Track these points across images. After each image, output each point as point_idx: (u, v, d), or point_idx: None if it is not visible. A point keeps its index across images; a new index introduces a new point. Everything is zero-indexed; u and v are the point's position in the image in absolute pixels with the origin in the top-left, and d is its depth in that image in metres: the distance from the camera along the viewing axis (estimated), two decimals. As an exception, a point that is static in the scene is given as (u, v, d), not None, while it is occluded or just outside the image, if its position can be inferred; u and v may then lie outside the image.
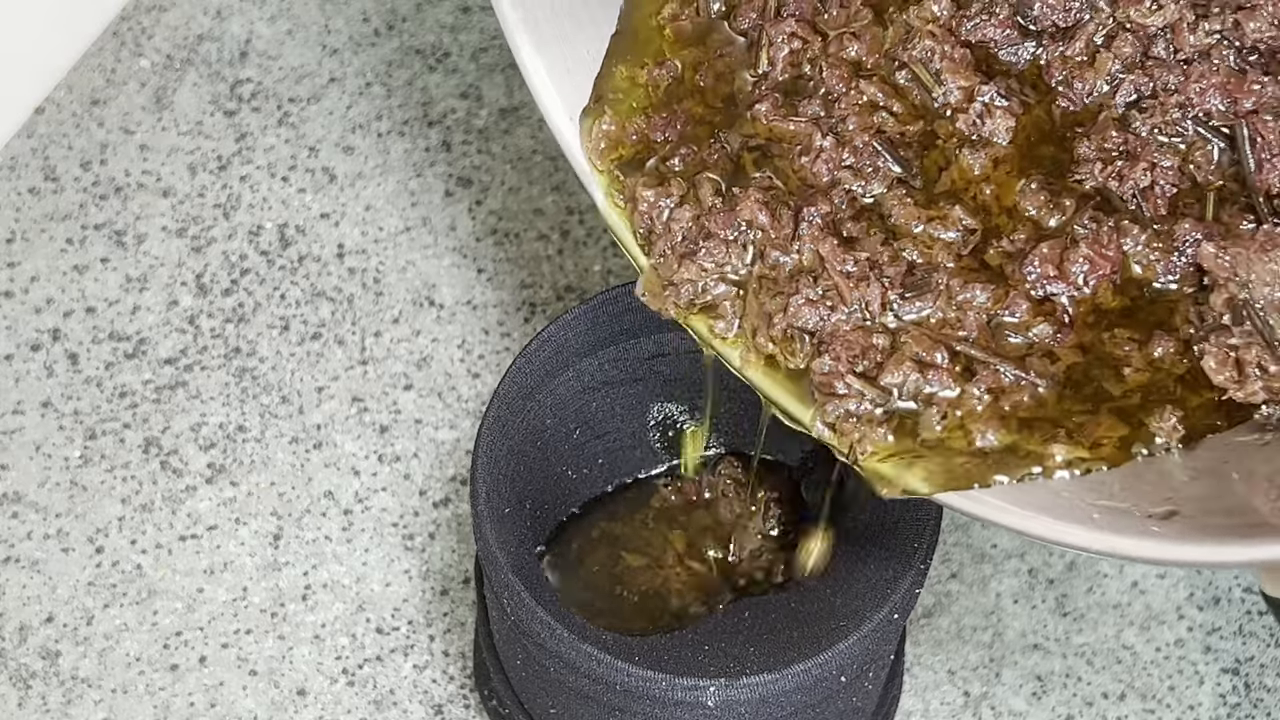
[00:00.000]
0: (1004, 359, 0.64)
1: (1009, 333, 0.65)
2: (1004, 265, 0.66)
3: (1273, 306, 0.63)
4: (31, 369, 0.88)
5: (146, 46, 0.95)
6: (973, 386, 0.63)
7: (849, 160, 0.67)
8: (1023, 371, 0.64)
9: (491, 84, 0.95)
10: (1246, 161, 0.65)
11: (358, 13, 0.96)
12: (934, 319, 0.65)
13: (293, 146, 0.93)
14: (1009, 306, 0.65)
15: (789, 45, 0.70)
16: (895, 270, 0.66)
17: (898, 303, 0.65)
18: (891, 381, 0.64)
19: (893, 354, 0.64)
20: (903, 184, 0.67)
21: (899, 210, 0.67)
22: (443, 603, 0.83)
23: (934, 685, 0.82)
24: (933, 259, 0.66)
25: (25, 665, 0.82)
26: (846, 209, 0.67)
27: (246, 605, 0.83)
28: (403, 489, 0.85)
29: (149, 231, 0.91)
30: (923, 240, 0.66)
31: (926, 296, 0.65)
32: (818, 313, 0.65)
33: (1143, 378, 0.64)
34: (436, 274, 0.90)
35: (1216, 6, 0.67)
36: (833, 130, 0.68)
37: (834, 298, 0.65)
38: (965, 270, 0.66)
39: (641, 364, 0.78)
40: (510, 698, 0.77)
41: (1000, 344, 0.65)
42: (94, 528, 0.84)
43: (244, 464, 0.86)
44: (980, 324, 0.65)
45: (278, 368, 0.88)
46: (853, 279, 0.65)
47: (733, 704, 0.70)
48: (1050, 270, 0.65)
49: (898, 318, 0.65)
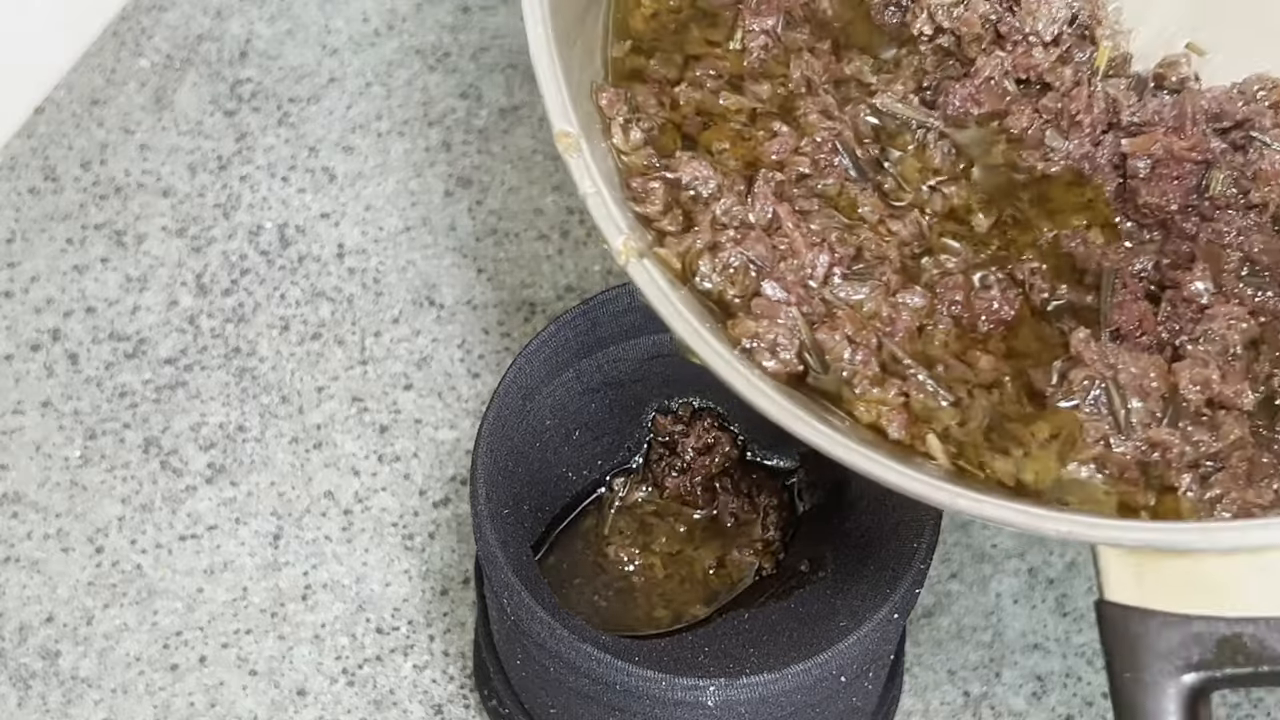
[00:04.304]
0: (924, 366, 0.65)
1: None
2: (933, 282, 0.67)
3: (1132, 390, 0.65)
4: (31, 369, 0.88)
5: (146, 46, 0.95)
6: (891, 382, 0.65)
7: (806, 148, 0.69)
8: (936, 382, 0.65)
9: (491, 84, 0.95)
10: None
11: (358, 13, 0.96)
12: (867, 307, 0.66)
13: (293, 146, 0.93)
14: (937, 321, 0.67)
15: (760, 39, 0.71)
16: (844, 251, 0.67)
17: (838, 281, 0.66)
18: (823, 339, 0.65)
19: (829, 319, 0.65)
20: (854, 182, 0.69)
21: (862, 196, 0.68)
22: (443, 603, 0.83)
23: (934, 685, 0.82)
24: (882, 250, 0.67)
25: (25, 665, 0.82)
26: (796, 187, 0.68)
27: (246, 605, 0.83)
28: (403, 489, 0.85)
29: (149, 231, 0.91)
30: (878, 230, 0.68)
31: (868, 283, 0.66)
32: (767, 253, 0.66)
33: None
34: (436, 274, 0.90)
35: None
36: (790, 118, 0.70)
37: (787, 250, 0.66)
38: (905, 271, 0.68)
39: (641, 364, 0.78)
40: (510, 698, 0.77)
41: (924, 349, 0.66)
42: (94, 528, 0.84)
43: (244, 464, 0.86)
44: (909, 327, 0.66)
45: (278, 368, 0.88)
46: (806, 242, 0.67)
47: (733, 704, 0.70)
48: (957, 296, 0.67)
49: (834, 295, 0.66)
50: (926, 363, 0.66)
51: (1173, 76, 0.72)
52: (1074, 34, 0.72)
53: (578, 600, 0.78)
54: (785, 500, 0.79)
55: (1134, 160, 0.70)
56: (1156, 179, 0.69)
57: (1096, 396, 0.65)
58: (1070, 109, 0.71)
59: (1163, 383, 0.65)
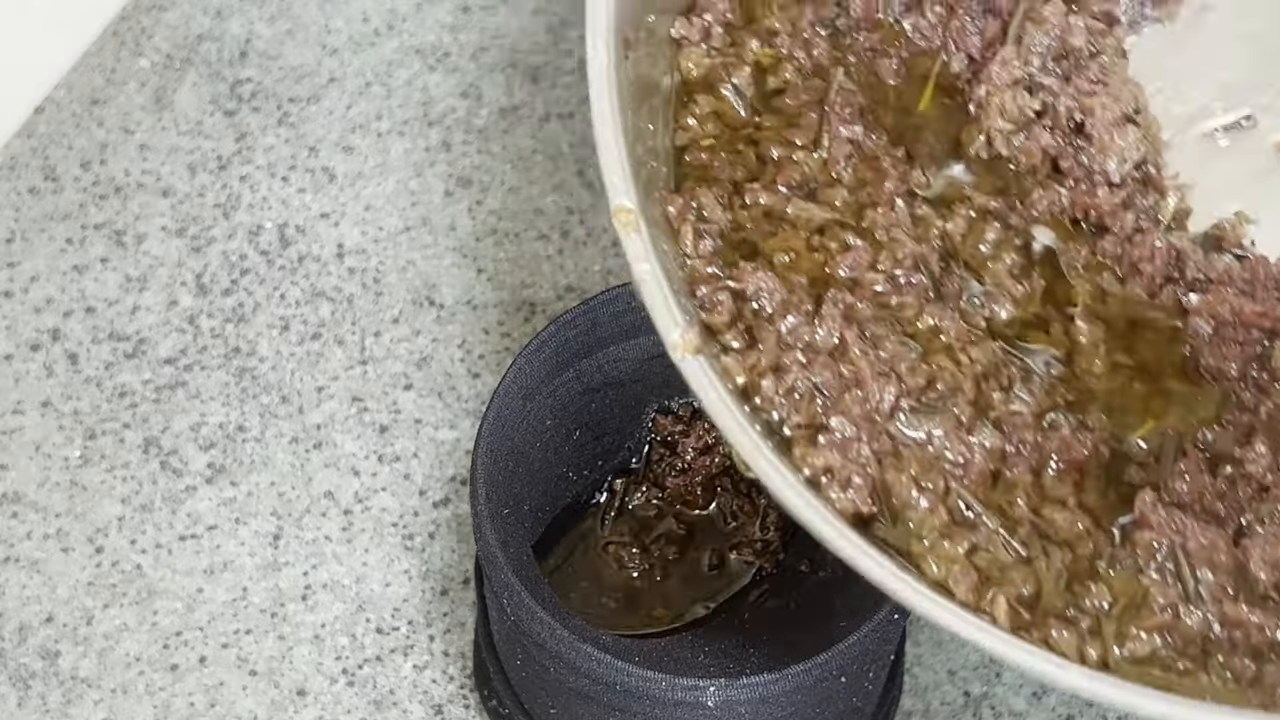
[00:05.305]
0: (997, 513, 0.62)
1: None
2: (1003, 419, 0.64)
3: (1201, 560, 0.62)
4: (31, 369, 0.88)
5: (146, 46, 0.95)
6: (964, 532, 0.62)
7: (884, 266, 0.65)
8: (1009, 534, 0.62)
9: (491, 84, 0.95)
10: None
11: (358, 13, 0.96)
12: (933, 446, 0.63)
13: (292, 146, 0.93)
14: (1012, 465, 0.63)
15: (846, 148, 0.68)
16: (913, 381, 0.63)
17: (905, 414, 0.63)
18: (890, 480, 0.62)
19: (895, 458, 0.62)
20: (934, 303, 0.65)
21: (942, 317, 0.64)
22: (443, 603, 0.83)
23: (934, 685, 0.82)
24: (957, 381, 0.64)
25: (25, 665, 0.82)
26: (868, 307, 0.64)
27: (246, 605, 0.83)
28: (403, 489, 0.85)
29: (149, 231, 0.91)
30: (955, 356, 0.64)
31: (935, 419, 0.63)
32: (834, 380, 0.62)
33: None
34: (436, 274, 0.90)
35: None
36: (864, 231, 0.66)
37: (852, 378, 0.63)
38: (977, 406, 0.64)
39: (641, 364, 0.78)
40: (510, 698, 0.77)
41: (999, 498, 0.63)
42: (94, 528, 0.84)
43: (244, 464, 0.86)
44: (982, 471, 0.63)
45: (278, 368, 0.88)
46: (873, 371, 0.63)
47: (733, 704, 0.70)
48: (1027, 435, 0.64)
49: (900, 430, 0.63)
50: (998, 512, 0.62)
51: (1231, 238, 0.69)
52: (1140, 178, 0.69)
53: (578, 600, 0.78)
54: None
55: (1196, 318, 0.67)
56: (1220, 341, 0.66)
57: (1163, 563, 0.62)
58: (1132, 255, 0.67)
59: (1229, 558, 0.62)
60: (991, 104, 0.69)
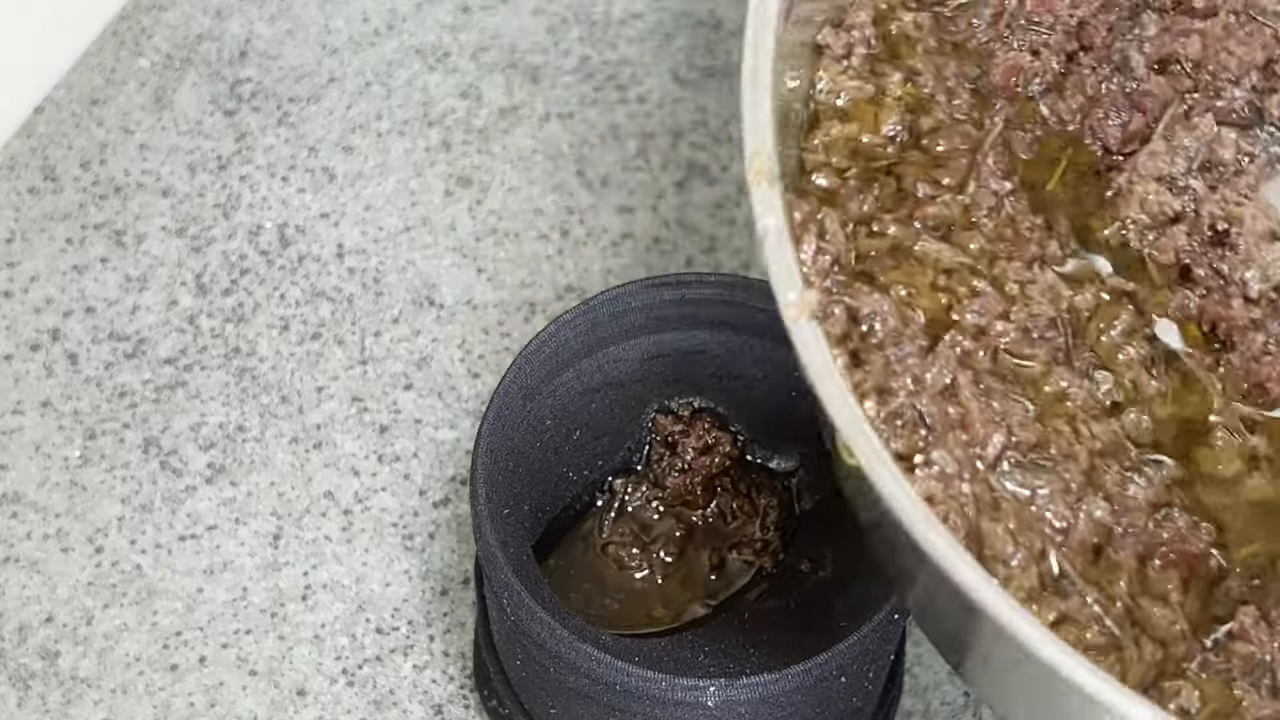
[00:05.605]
0: (1099, 589, 0.59)
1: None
2: (1114, 495, 0.61)
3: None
4: (31, 369, 0.88)
5: (146, 46, 0.95)
6: (1053, 600, 0.59)
7: (1017, 318, 0.63)
8: (1106, 612, 0.59)
9: (491, 84, 0.95)
10: None
11: (358, 12, 0.96)
12: (1035, 505, 0.60)
13: (292, 146, 0.93)
14: (1118, 546, 0.61)
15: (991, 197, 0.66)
16: (1023, 435, 0.61)
17: (1010, 466, 0.60)
18: (986, 529, 0.59)
19: (994, 508, 0.60)
20: (1063, 365, 0.63)
21: (1071, 383, 0.62)
22: (443, 603, 0.83)
23: (934, 685, 0.82)
24: (1072, 450, 0.61)
25: (25, 665, 0.82)
26: (986, 358, 0.62)
27: (246, 605, 0.83)
28: (403, 489, 0.85)
29: (149, 231, 0.91)
30: (1076, 426, 0.62)
31: (1042, 477, 0.60)
32: (939, 414, 0.60)
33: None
34: (436, 274, 0.90)
35: None
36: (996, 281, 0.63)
37: (958, 420, 0.60)
38: (1090, 479, 0.61)
39: (641, 364, 0.78)
40: (510, 698, 0.77)
41: (1099, 577, 0.60)
42: (94, 528, 0.84)
43: (244, 464, 0.86)
44: (1085, 541, 0.60)
45: (278, 368, 0.88)
46: (982, 416, 0.60)
47: (733, 704, 0.70)
48: (1138, 519, 0.61)
49: (1001, 483, 0.60)
50: (1096, 588, 0.60)
51: None
52: (1276, 300, 0.66)
53: (578, 600, 0.78)
54: (785, 500, 0.79)
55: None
56: None
57: (1259, 677, 0.59)
58: (1260, 374, 0.65)
59: None
60: (1134, 193, 0.67)
